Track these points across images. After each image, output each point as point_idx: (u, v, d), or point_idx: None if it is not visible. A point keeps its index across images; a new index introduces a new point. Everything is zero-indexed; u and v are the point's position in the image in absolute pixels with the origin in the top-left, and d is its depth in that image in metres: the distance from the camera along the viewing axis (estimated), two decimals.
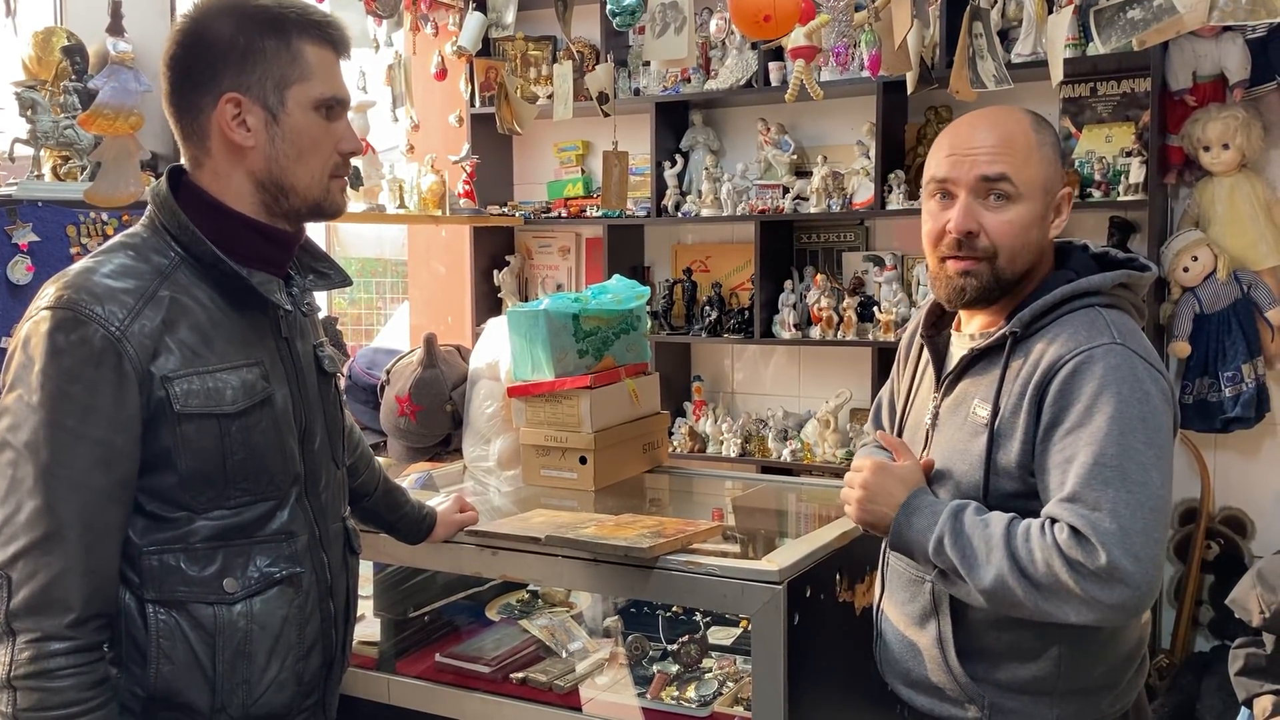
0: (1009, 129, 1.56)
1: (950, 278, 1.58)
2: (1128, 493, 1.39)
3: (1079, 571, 1.38)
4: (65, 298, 1.34)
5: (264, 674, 1.45)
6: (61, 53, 2.77)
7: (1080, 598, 1.38)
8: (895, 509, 1.55)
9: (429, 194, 3.98)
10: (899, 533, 1.55)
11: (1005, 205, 1.54)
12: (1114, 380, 1.44)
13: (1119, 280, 1.56)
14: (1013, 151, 1.54)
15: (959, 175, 1.55)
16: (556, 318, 2.48)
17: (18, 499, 1.31)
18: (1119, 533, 1.37)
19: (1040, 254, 1.58)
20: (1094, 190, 3.43)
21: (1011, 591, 1.43)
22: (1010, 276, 1.56)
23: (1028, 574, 1.41)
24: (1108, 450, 1.41)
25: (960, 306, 1.61)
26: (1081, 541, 1.38)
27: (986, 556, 1.44)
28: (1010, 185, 1.53)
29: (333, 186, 1.50)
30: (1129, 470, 1.40)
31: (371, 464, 1.93)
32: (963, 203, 1.55)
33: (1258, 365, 3.36)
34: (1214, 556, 3.51)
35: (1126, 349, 1.47)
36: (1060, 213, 1.59)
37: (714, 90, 3.97)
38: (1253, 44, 3.23)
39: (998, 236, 1.54)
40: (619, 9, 2.41)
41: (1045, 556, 1.40)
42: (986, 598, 1.46)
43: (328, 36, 1.47)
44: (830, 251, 4.04)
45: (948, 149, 1.58)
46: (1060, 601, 1.40)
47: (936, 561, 1.50)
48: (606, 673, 2.28)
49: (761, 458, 3.98)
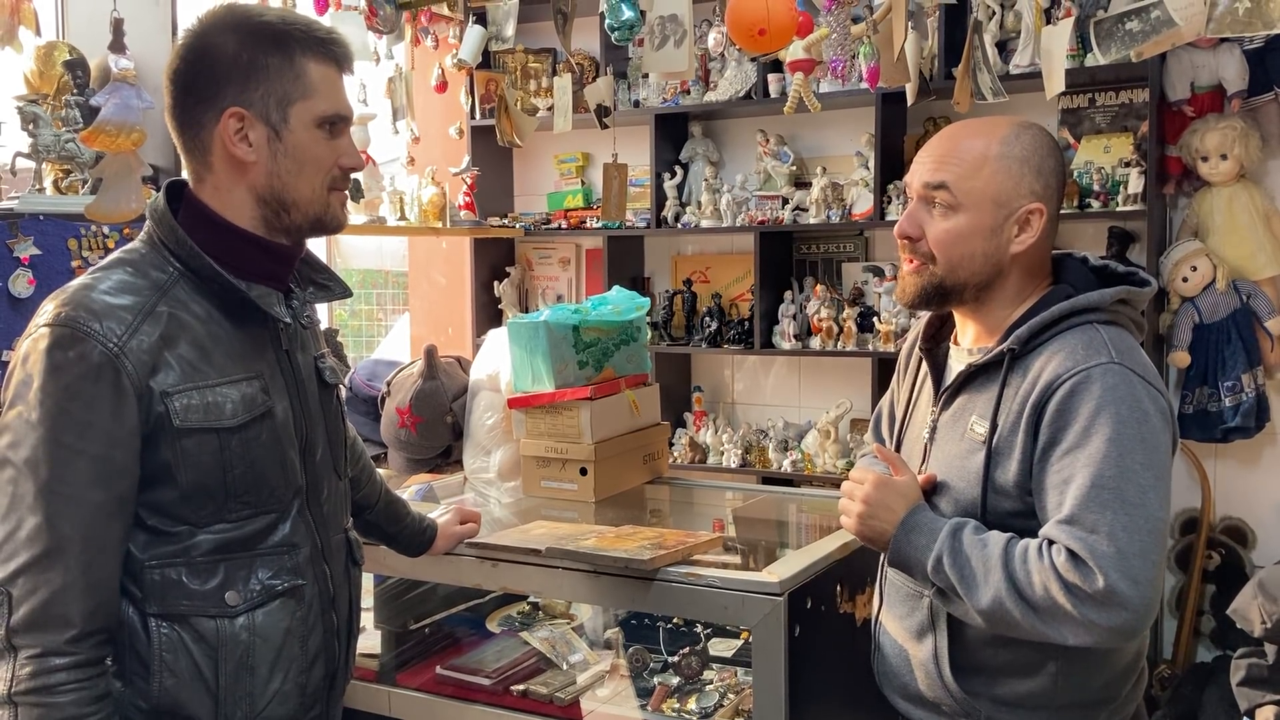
0: (966, 140, 1.56)
1: (902, 277, 1.63)
2: (1125, 515, 1.39)
3: (1076, 595, 1.38)
4: (64, 314, 1.35)
5: (267, 686, 1.45)
6: (63, 67, 2.78)
7: (1077, 621, 1.38)
8: (895, 525, 1.55)
9: (429, 206, 3.99)
10: (898, 549, 1.55)
11: (946, 214, 1.55)
12: (1112, 400, 1.44)
13: (1118, 296, 1.55)
14: (960, 162, 1.54)
15: (911, 180, 1.61)
16: (557, 329, 2.48)
17: (18, 515, 1.32)
18: (1116, 556, 1.37)
19: (997, 267, 1.56)
20: (1093, 201, 3.43)
21: (1009, 613, 1.43)
22: (952, 284, 1.57)
23: (1025, 596, 1.41)
24: (1105, 472, 1.41)
25: (906, 305, 1.64)
26: (1079, 565, 1.38)
27: (984, 578, 1.45)
28: (949, 195, 1.54)
29: (333, 201, 1.51)
30: (1127, 492, 1.40)
31: (373, 477, 1.93)
32: (909, 207, 1.60)
33: (1257, 375, 3.36)
34: (1215, 566, 3.50)
35: (1124, 368, 1.47)
36: (1027, 227, 1.55)
37: (713, 102, 3.98)
38: (1250, 55, 3.24)
39: (934, 244, 1.56)
40: (618, 24, 2.41)
41: (1043, 580, 1.40)
42: (984, 618, 1.47)
43: (331, 53, 1.47)
44: (830, 262, 4.05)
45: (919, 154, 1.62)
46: (1057, 624, 1.40)
47: (935, 580, 1.51)
48: (607, 685, 2.28)
49: (762, 468, 3.98)
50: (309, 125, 1.45)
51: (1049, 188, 1.56)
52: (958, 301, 1.60)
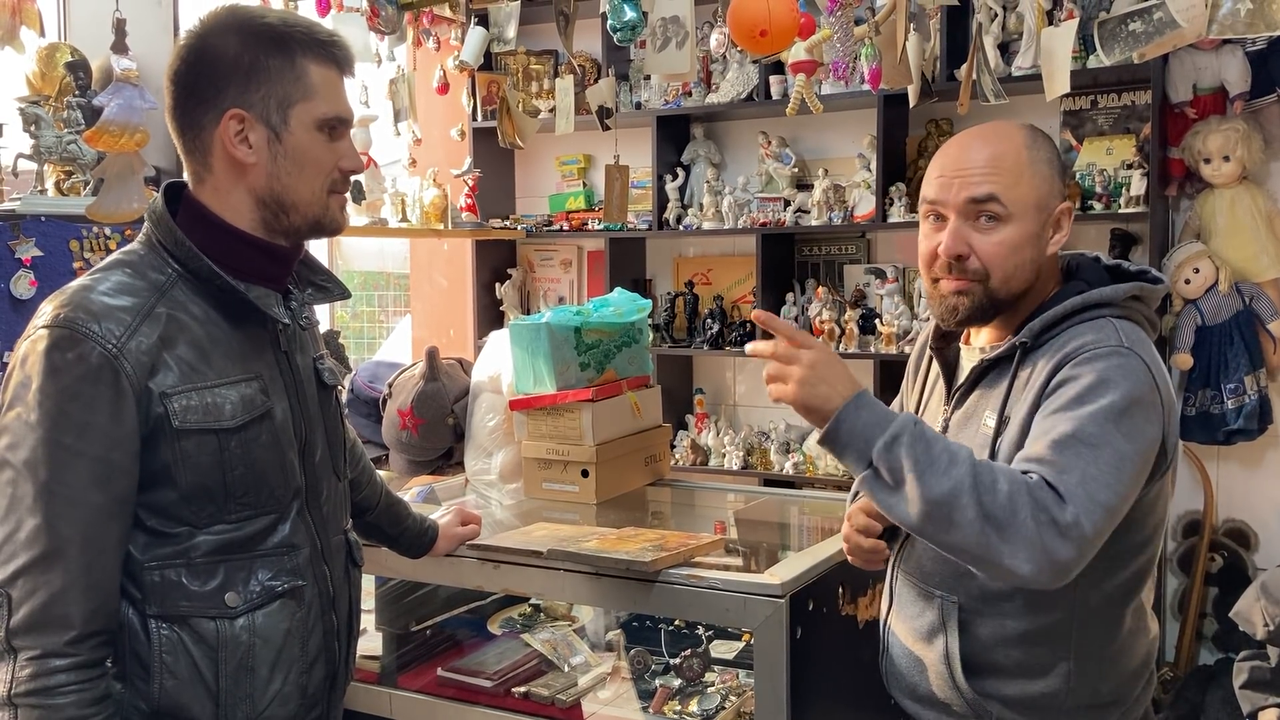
0: (999, 148, 1.54)
1: (944, 297, 1.57)
2: (1097, 469, 1.37)
3: (1040, 517, 1.33)
4: (62, 316, 1.34)
5: (267, 687, 1.45)
6: (65, 68, 2.78)
7: (1030, 542, 1.32)
8: (844, 398, 1.41)
9: (431, 208, 3.99)
10: (844, 421, 1.40)
11: (996, 226, 1.52)
12: (1113, 377, 1.42)
13: (1131, 292, 1.54)
14: (1001, 171, 1.52)
15: (948, 198, 1.54)
16: (558, 331, 2.48)
17: (17, 517, 1.32)
18: (1086, 499, 1.35)
19: (1039, 271, 1.56)
20: (1095, 203, 3.43)
21: (960, 511, 1.33)
22: (1005, 296, 1.55)
23: (983, 500, 1.33)
24: (1088, 429, 1.39)
25: (954, 325, 1.59)
26: (1051, 491, 1.35)
27: (945, 468, 1.35)
28: (999, 206, 1.52)
29: (332, 204, 1.50)
30: (1103, 452, 1.38)
31: (373, 479, 1.93)
32: (952, 226, 1.54)
33: (1260, 377, 3.36)
34: (1217, 569, 3.50)
35: (1133, 354, 1.46)
36: (1060, 228, 1.56)
37: (715, 104, 3.98)
38: (1252, 56, 3.24)
39: (988, 259, 1.53)
40: (620, 24, 2.41)
41: (1011, 489, 1.34)
42: (925, 510, 1.36)
43: (332, 56, 1.47)
44: (832, 264, 4.05)
45: (939, 170, 1.57)
46: (1005, 539, 1.33)
47: (879, 460, 1.38)
48: (609, 687, 2.28)
49: (763, 470, 3.98)
50: (309, 127, 1.45)
51: (1067, 187, 1.59)
52: (1008, 311, 1.57)
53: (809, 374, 1.43)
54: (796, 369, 1.44)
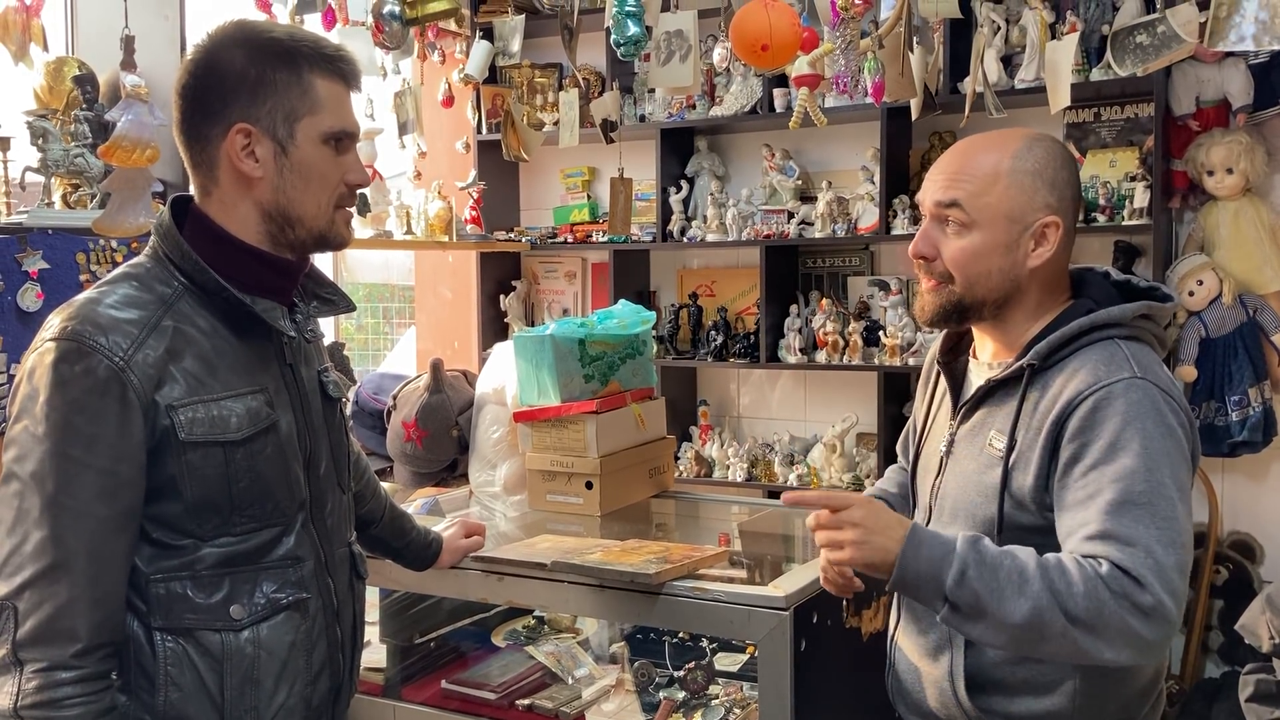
0: (980, 156, 1.55)
1: (920, 295, 1.62)
2: (1158, 529, 1.36)
3: (1123, 604, 1.33)
4: (69, 329, 1.35)
5: (272, 700, 1.45)
6: (73, 82, 2.79)
7: (1124, 633, 1.33)
8: (900, 541, 1.41)
9: (436, 220, 4.00)
10: (908, 566, 1.41)
11: (961, 232, 1.54)
12: (1137, 416, 1.42)
13: (1140, 311, 1.53)
14: (972, 179, 1.53)
15: (924, 199, 1.60)
16: (562, 343, 2.49)
17: (24, 529, 1.32)
18: (1158, 569, 1.34)
19: (1016, 282, 1.55)
20: (1098, 215, 3.43)
21: (1046, 626, 1.35)
22: (972, 302, 1.56)
23: (1066, 608, 1.34)
24: (1135, 487, 1.38)
25: (926, 324, 1.62)
26: (1127, 577, 1.34)
27: (1019, 588, 1.36)
28: (961, 213, 1.53)
29: (338, 218, 1.51)
30: (1158, 506, 1.38)
31: (378, 492, 1.93)
32: (923, 227, 1.59)
33: (1264, 389, 3.35)
34: (1223, 581, 3.49)
35: (1148, 383, 1.45)
36: (1044, 241, 1.54)
37: (719, 116, 3.99)
38: (1255, 69, 3.25)
39: (950, 263, 1.55)
40: (624, 39, 2.42)
41: (1089, 589, 1.34)
42: (1015, 633, 1.37)
43: (339, 70, 1.48)
44: (835, 276, 4.05)
45: (930, 171, 1.61)
46: (1098, 637, 1.34)
47: (955, 595, 1.39)
48: (613, 699, 2.28)
49: (768, 482, 3.97)
50: (316, 141, 1.46)
51: (1064, 200, 1.55)
52: (977, 318, 1.59)
53: (860, 534, 1.43)
54: (848, 533, 1.43)
